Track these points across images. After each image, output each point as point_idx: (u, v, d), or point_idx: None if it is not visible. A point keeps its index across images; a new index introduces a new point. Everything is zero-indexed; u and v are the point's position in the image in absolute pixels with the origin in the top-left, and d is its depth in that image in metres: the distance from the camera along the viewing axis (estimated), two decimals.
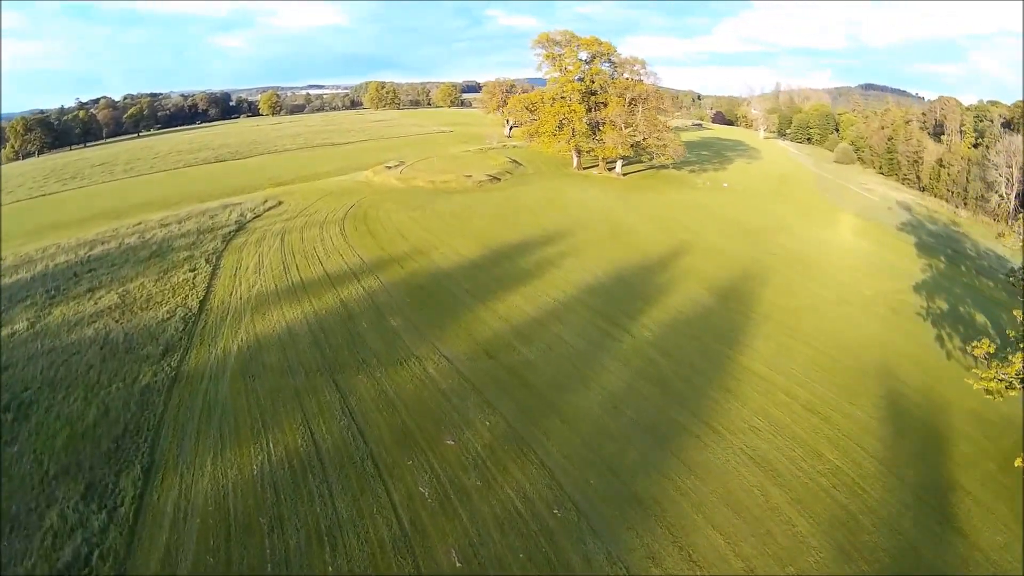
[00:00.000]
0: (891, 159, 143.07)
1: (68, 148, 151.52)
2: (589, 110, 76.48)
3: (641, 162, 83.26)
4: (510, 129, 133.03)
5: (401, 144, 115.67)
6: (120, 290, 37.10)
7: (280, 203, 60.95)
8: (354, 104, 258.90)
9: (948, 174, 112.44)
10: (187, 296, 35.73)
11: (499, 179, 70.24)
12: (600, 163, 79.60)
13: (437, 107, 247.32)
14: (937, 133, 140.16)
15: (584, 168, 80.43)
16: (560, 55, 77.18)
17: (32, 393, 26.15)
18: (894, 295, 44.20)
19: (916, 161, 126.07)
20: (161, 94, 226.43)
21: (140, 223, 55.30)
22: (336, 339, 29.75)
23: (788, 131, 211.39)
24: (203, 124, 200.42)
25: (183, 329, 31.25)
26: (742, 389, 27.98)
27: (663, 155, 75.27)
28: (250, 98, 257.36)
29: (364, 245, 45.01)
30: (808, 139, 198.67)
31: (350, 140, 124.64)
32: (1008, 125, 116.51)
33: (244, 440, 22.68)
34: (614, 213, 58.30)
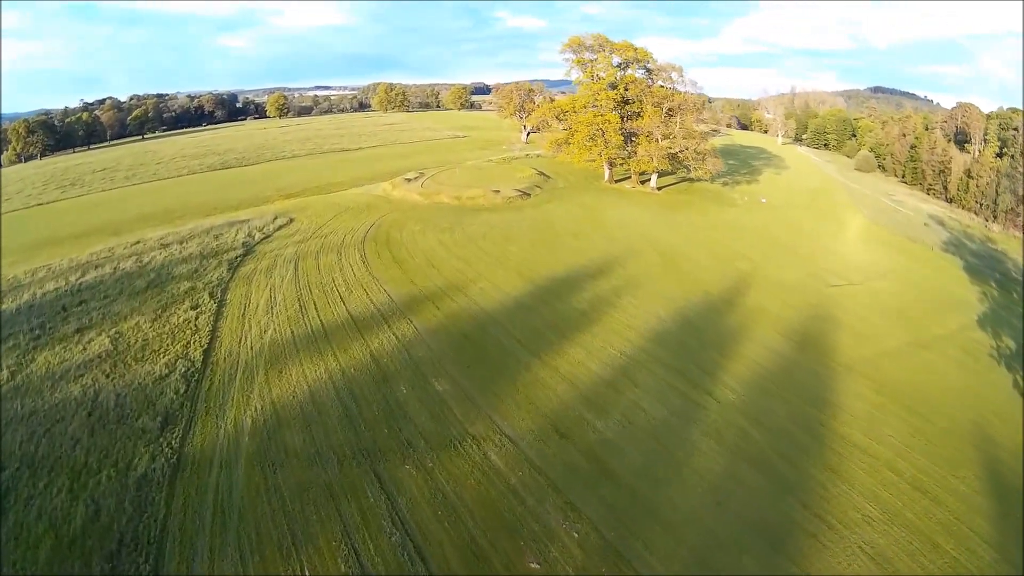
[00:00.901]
0: (915, 168, 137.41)
1: (71, 151, 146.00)
2: (623, 120, 70.60)
3: (673, 174, 77.44)
4: (527, 135, 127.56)
5: (415, 151, 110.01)
6: (112, 332, 31.36)
7: (291, 220, 55.10)
8: (362, 106, 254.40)
9: (976, 185, 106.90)
10: (189, 343, 29.93)
11: (529, 194, 64.41)
12: (633, 176, 73.92)
13: (447, 109, 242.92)
14: (959, 141, 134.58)
15: (616, 181, 74.71)
16: (592, 60, 71.40)
17: (11, 476, 20.66)
18: (962, 333, 40.96)
19: (942, 171, 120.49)
20: (167, 95, 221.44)
21: (138, 241, 49.73)
22: (371, 410, 24.01)
23: (804, 136, 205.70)
24: (209, 126, 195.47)
25: (184, 391, 25.52)
26: (846, 467, 23.81)
27: (701, 169, 69.48)
28: (256, 99, 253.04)
29: (390, 277, 39.17)
30: (825, 145, 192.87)
31: (362, 146, 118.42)
32: None
33: (271, 562, 17.25)
34: (660, 236, 52.53)
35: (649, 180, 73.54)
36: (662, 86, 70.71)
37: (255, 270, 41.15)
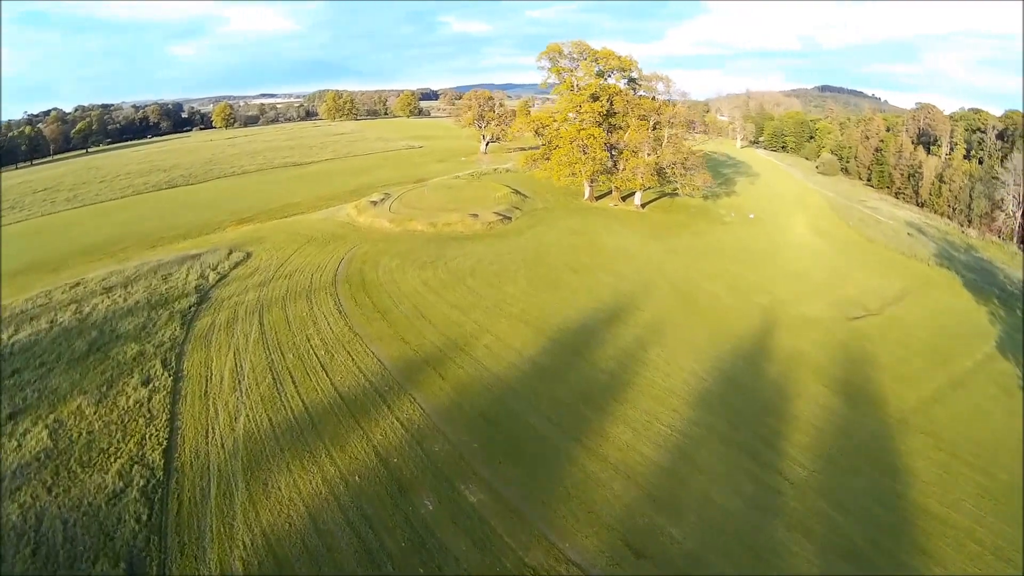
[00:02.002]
0: (881, 171, 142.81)
1: (14, 166, 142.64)
2: (607, 133, 68.49)
3: (652, 189, 76.13)
4: (487, 145, 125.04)
5: (372, 164, 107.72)
6: (51, 420, 26.17)
7: (249, 255, 50.03)
8: (309, 114, 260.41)
9: (949, 190, 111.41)
10: (144, 439, 24.87)
11: (509, 218, 61.17)
12: (615, 192, 72.00)
13: (396, 116, 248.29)
14: (924, 142, 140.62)
15: (596, 198, 72.55)
16: (572, 69, 69.06)
17: None
18: (989, 364, 40.92)
19: (912, 175, 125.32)
20: (112, 105, 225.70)
21: (79, 283, 44.48)
22: (394, 539, 19.77)
23: (762, 139, 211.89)
24: (154, 138, 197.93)
25: (148, 519, 20.61)
26: (934, 545, 22.66)
27: (691, 186, 68.18)
28: (202, 109, 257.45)
29: (376, 334, 34.84)
30: (783, 147, 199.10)
31: (314, 159, 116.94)
32: (1002, 136, 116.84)
33: None
34: (665, 266, 50.40)
35: (632, 197, 71.84)
36: (645, 96, 69.16)
37: (213, 326, 36.21)
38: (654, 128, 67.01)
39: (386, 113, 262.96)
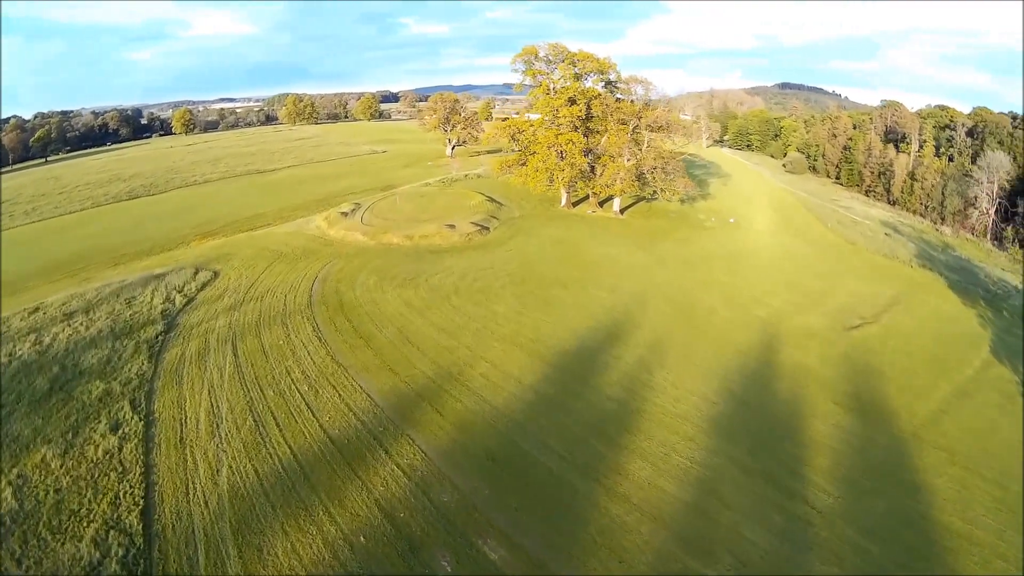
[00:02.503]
0: (850, 169, 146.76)
1: None
2: (585, 137, 67.93)
3: (627, 193, 76.06)
4: (453, 148, 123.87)
5: (337, 171, 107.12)
6: (15, 475, 23.89)
7: (216, 275, 48.07)
8: (269, 119, 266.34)
9: (922, 188, 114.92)
10: (118, 498, 22.68)
11: (487, 228, 59.97)
12: (592, 199, 71.54)
13: (357, 120, 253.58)
14: (892, 140, 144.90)
15: (574, 204, 71.96)
16: (548, 73, 68.26)
17: None
18: (987, 370, 41.50)
19: (883, 173, 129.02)
20: (72, 112, 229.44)
21: (38, 308, 42.17)
22: None
23: (726, 138, 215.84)
24: (113, 146, 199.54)
25: None
26: (962, 564, 22.79)
27: (671, 191, 68.14)
28: (162, 114, 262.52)
29: (361, 364, 33.07)
30: (748, 146, 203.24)
31: (277, 166, 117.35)
32: (971, 133, 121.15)
33: None
34: (656, 277, 49.91)
35: (611, 202, 71.51)
36: (623, 99, 68.86)
37: (183, 358, 34.14)
38: (633, 132, 66.78)
39: (347, 116, 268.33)
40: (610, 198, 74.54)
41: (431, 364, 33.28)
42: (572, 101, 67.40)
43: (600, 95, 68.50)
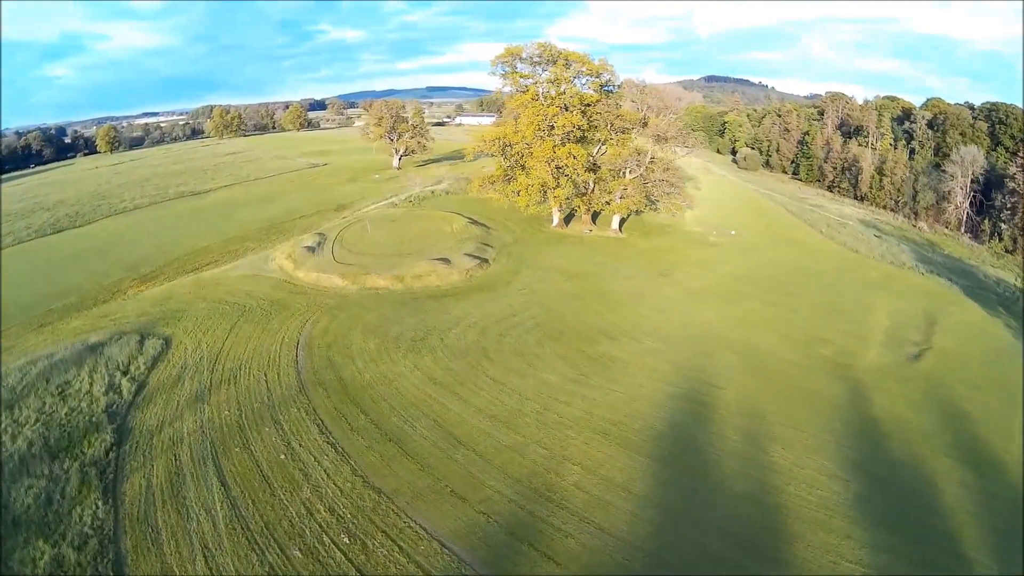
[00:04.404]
0: (809, 165, 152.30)
1: None
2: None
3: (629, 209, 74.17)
4: (399, 159, 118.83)
5: (277, 190, 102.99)
6: None
7: (168, 343, 40.31)
8: (195, 132, 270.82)
9: (891, 183, 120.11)
10: None
11: (485, 259, 55.45)
12: (584, 217, 68.71)
13: (286, 130, 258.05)
14: (845, 133, 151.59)
15: (565, 222, 68.98)
16: (535, 76, 64.60)
17: None
18: None
19: (847, 168, 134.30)
20: None
21: None
22: None
23: None
24: (37, 167, 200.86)
25: None
26: None
27: (673, 205, 66.35)
28: (85, 131, 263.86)
29: (409, 487, 25.56)
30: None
31: (211, 186, 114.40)
32: (931, 126, 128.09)
33: None
34: (699, 316, 47.00)
35: (602, 218, 69.13)
36: (619, 105, 66.37)
37: (150, 493, 25.20)
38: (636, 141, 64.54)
39: (275, 127, 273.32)
40: (598, 214, 72.12)
41: (504, 477, 26.68)
42: (565, 107, 64.03)
43: (599, 100, 65.49)
